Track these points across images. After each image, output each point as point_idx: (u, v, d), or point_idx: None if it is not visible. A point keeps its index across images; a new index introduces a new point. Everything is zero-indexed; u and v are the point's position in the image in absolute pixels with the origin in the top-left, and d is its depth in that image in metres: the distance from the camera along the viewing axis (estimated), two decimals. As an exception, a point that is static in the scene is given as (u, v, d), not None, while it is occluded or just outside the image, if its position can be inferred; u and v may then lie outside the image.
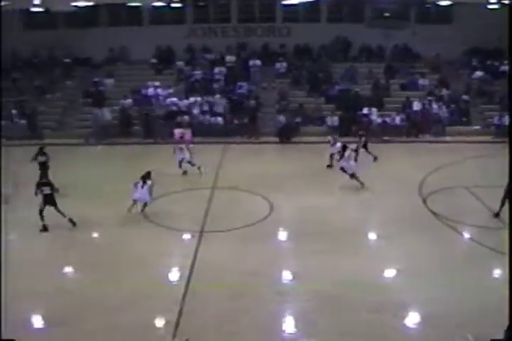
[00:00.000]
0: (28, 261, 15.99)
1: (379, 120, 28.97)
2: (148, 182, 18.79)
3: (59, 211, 17.91)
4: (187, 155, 22.96)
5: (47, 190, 17.92)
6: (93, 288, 14.31)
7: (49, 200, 17.90)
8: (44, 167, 21.57)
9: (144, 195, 18.86)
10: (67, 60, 34.81)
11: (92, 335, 12.31)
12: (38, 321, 13.30)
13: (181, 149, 22.99)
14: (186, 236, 17.56)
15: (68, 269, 15.98)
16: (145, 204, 19.14)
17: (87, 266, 15.62)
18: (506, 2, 27.19)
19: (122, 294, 13.95)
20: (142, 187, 18.70)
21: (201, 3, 33.85)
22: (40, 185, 18.10)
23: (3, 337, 12.10)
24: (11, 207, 19.10)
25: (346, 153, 21.43)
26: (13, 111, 31.28)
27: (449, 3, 30.26)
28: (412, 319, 12.54)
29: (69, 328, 12.63)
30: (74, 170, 23.39)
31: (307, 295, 13.59)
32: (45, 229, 17.89)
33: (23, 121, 30.86)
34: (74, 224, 17.98)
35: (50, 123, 31.40)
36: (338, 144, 22.43)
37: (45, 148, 22.44)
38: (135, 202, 18.97)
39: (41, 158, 21.85)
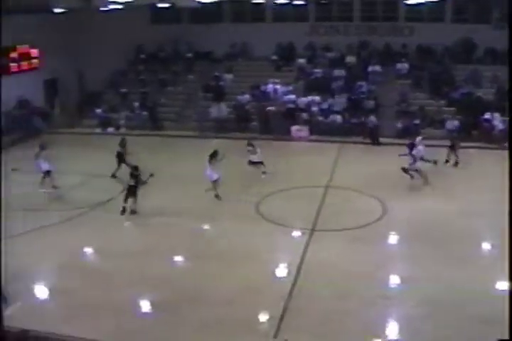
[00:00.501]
0: (142, 248, 16.64)
1: (501, 126, 27.94)
2: (212, 161, 19.63)
3: (131, 200, 18.89)
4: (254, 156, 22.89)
5: (131, 182, 18.72)
6: (204, 279, 14.67)
7: (130, 191, 18.78)
8: (119, 157, 22.68)
9: (209, 174, 19.69)
10: (189, 55, 35.63)
11: (199, 325, 12.64)
12: (147, 306, 13.79)
13: (249, 151, 22.93)
14: (297, 233, 17.61)
15: (180, 258, 16.51)
16: (214, 185, 19.86)
17: (199, 256, 16.06)
18: None
19: (231, 287, 14.22)
20: (209, 166, 19.64)
21: (324, 1, 33.74)
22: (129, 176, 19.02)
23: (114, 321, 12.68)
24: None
25: (414, 152, 21.38)
26: (135, 104, 32.40)
27: None
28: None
29: (177, 316, 13.02)
30: (188, 162, 23.90)
31: (414, 300, 13.35)
32: (123, 211, 18.94)
33: (145, 113, 31.89)
34: (132, 212, 18.98)
35: (171, 115, 32.30)
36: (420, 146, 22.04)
37: (126, 140, 23.39)
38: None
39: (119, 149, 22.89)
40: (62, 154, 24.24)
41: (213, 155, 19.92)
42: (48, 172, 21.37)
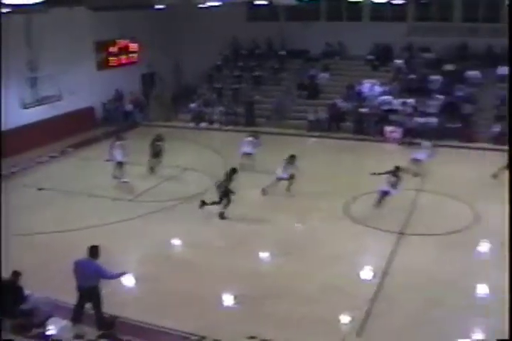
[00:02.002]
0: (229, 242, 17.04)
1: None
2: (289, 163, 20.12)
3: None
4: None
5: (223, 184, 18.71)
6: (288, 276, 14.83)
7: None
8: (158, 152, 23.16)
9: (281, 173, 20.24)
10: (282, 52, 35.67)
11: (281, 321, 12.79)
12: (230, 300, 14.04)
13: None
14: (385, 236, 17.33)
15: (266, 255, 16.79)
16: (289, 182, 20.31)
17: (285, 254, 16.18)
18: None
19: (315, 286, 14.31)
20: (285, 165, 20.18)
21: (423, 1, 33.01)
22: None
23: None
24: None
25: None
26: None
27: None
28: None
29: (259, 311, 13.24)
30: (279, 159, 23.89)
31: (505, 313, 12.90)
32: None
33: (240, 109, 32.17)
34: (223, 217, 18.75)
35: (264, 112, 32.44)
36: None
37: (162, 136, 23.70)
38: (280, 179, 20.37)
39: (159, 143, 23.25)
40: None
41: (292, 158, 20.32)
42: (121, 163, 21.92)
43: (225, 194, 18.49)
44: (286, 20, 35.64)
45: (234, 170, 18.83)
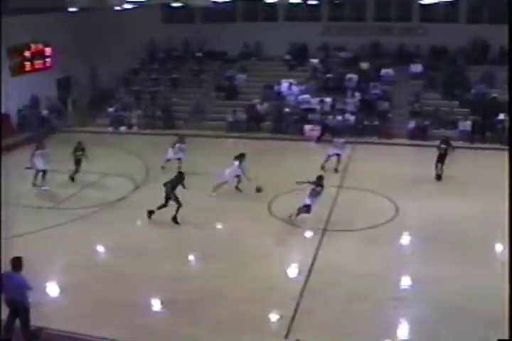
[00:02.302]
0: (154, 246, 16.87)
1: (515, 126, 27.60)
2: (235, 162, 20.37)
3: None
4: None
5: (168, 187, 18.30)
6: (216, 278, 14.72)
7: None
8: (78, 161, 22.52)
9: (229, 173, 20.48)
10: (199, 54, 35.61)
11: (211, 323, 12.69)
12: (159, 305, 13.87)
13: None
14: (309, 233, 17.54)
15: (192, 258, 16.66)
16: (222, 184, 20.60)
17: (211, 256, 16.09)
18: None
19: (242, 286, 14.28)
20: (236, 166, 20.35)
21: (337, 1, 33.60)
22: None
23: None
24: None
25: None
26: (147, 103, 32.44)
27: None
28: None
29: (190, 315, 13.05)
30: (203, 160, 24.11)
31: (428, 303, 13.30)
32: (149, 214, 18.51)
33: (158, 112, 31.91)
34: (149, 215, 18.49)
35: (183, 114, 32.25)
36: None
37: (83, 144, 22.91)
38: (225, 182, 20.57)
39: (78, 153, 22.50)
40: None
41: (242, 157, 20.48)
42: (43, 171, 21.53)
43: (168, 197, 18.24)
44: (203, 21, 35.56)
45: (181, 174, 18.65)
